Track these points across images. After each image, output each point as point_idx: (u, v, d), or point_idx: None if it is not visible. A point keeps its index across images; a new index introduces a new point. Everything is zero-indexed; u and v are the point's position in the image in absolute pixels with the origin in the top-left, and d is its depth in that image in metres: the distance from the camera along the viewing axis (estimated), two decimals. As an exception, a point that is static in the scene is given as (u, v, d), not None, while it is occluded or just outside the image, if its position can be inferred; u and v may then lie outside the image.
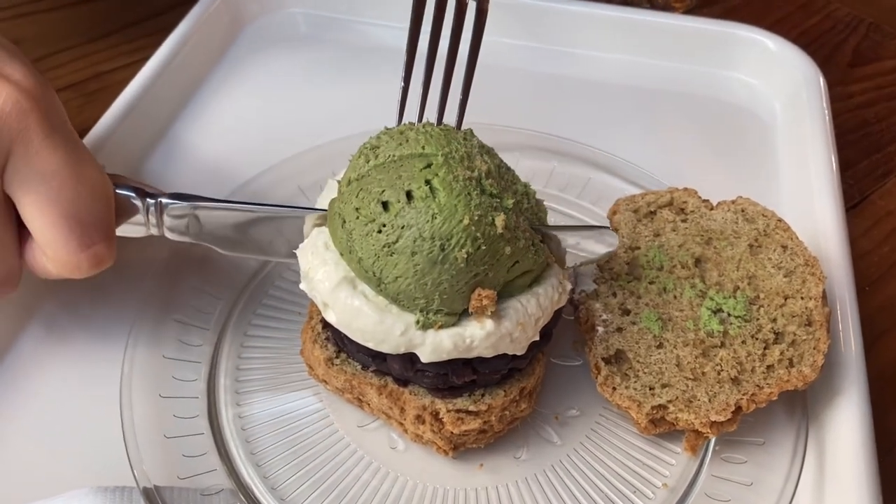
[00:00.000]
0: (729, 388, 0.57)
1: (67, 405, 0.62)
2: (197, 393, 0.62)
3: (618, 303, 0.62)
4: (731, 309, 0.60)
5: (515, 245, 0.52)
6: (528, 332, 0.54)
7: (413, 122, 0.56)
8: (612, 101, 0.91)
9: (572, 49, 0.96)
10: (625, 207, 0.68)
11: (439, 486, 0.58)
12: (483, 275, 0.51)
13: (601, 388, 0.59)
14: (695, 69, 0.94)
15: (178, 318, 0.65)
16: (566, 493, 0.58)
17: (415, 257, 0.50)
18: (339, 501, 0.57)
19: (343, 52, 0.96)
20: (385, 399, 0.58)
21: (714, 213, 0.66)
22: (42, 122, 0.50)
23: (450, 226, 0.49)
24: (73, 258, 0.53)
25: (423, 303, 0.51)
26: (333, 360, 0.59)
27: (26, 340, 0.66)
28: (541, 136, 0.79)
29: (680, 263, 0.63)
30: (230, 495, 0.56)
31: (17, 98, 0.49)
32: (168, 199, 0.59)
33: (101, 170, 0.55)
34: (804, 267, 0.61)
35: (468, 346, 0.52)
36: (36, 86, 0.51)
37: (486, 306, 0.51)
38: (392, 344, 0.53)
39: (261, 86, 0.92)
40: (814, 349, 0.57)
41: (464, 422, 0.56)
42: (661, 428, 0.58)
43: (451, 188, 0.50)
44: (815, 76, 0.88)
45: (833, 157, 0.79)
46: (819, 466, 0.59)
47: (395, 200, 0.50)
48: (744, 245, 0.63)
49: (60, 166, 0.51)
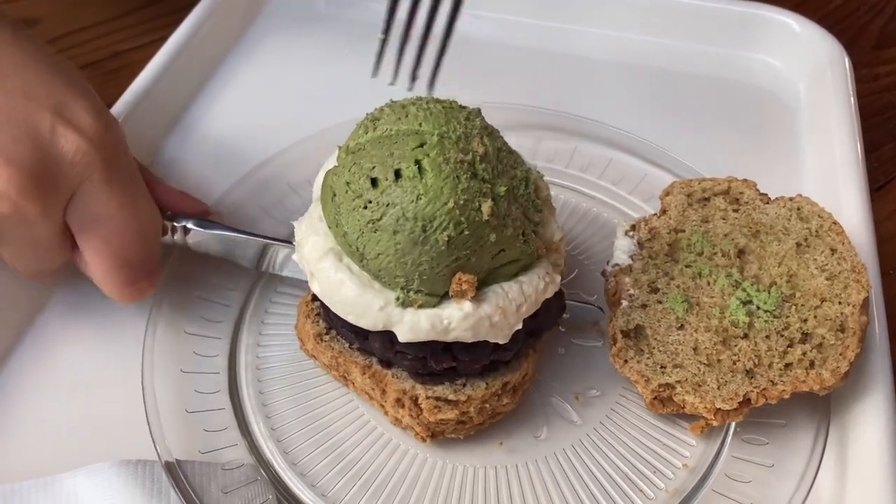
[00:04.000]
0: (741, 379, 0.56)
1: (90, 380, 0.62)
2: (218, 368, 0.62)
3: (648, 280, 0.62)
4: (762, 302, 0.59)
5: (502, 233, 0.51)
6: (510, 319, 0.53)
7: (420, 96, 0.56)
8: (633, 82, 0.90)
9: (593, 29, 0.95)
10: (679, 190, 0.67)
11: (458, 464, 0.58)
12: (465, 259, 0.51)
13: (613, 359, 0.59)
14: (717, 50, 0.93)
15: (200, 294, 0.65)
16: (586, 473, 0.58)
17: (396, 236, 0.50)
18: (358, 477, 0.57)
19: (363, 29, 0.95)
20: (368, 379, 0.57)
21: (768, 207, 0.65)
22: (104, 169, 0.55)
23: (433, 208, 0.49)
24: (118, 292, 0.59)
25: (403, 281, 0.51)
26: (322, 336, 0.60)
27: (49, 316, 0.66)
28: (562, 117, 0.78)
29: (721, 251, 0.62)
30: (251, 470, 0.56)
31: (85, 149, 0.54)
32: (192, 226, 0.63)
33: (154, 208, 0.60)
34: (850, 273, 0.59)
35: (445, 327, 0.52)
36: (102, 130, 0.55)
37: (466, 291, 0.51)
38: (371, 319, 0.52)
39: (281, 63, 0.91)
40: (840, 355, 0.55)
41: (441, 410, 0.56)
42: (669, 408, 0.58)
43: (440, 170, 0.50)
44: (840, 57, 0.86)
45: (858, 139, 0.78)
46: (841, 449, 0.58)
47: (383, 178, 0.50)
48: (791, 242, 0.62)
49: (115, 211, 0.56)
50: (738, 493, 0.55)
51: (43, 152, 0.53)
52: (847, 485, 0.56)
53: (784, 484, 0.55)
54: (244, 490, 0.55)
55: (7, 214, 0.53)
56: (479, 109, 0.56)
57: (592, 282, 0.68)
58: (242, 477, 0.56)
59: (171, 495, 0.53)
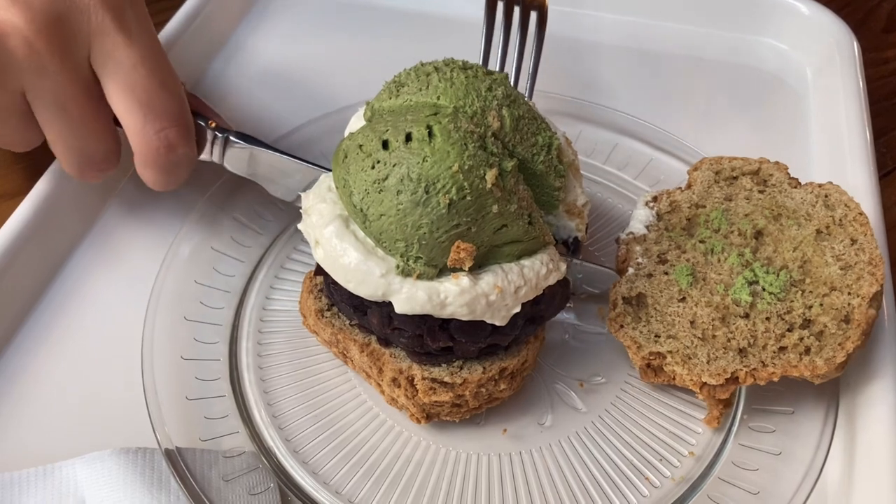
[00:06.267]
0: (732, 357, 0.56)
1: (89, 367, 0.62)
2: (218, 355, 0.61)
3: (659, 250, 0.62)
4: (768, 284, 0.58)
5: (506, 207, 0.51)
6: (507, 300, 0.53)
7: (447, 60, 0.56)
8: (638, 66, 0.89)
9: (599, 13, 0.94)
10: (707, 167, 0.67)
11: (462, 451, 0.58)
12: (465, 227, 0.50)
13: (609, 323, 0.59)
14: (724, 34, 0.92)
15: (199, 280, 0.64)
16: (591, 461, 0.57)
17: (399, 196, 0.50)
18: (361, 465, 0.57)
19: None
20: (366, 357, 0.57)
21: (795, 191, 0.64)
22: (115, 19, 0.57)
23: (438, 169, 0.49)
24: (146, 140, 0.59)
25: (403, 246, 0.51)
26: (324, 312, 0.60)
27: (48, 303, 0.65)
28: (567, 101, 0.77)
29: (738, 230, 0.62)
30: (252, 458, 0.56)
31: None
32: (234, 138, 0.63)
33: (174, 72, 0.61)
34: (866, 265, 0.58)
35: (442, 301, 0.51)
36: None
37: (464, 259, 0.51)
38: (371, 287, 0.52)
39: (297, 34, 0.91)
40: (838, 345, 0.55)
41: (436, 392, 0.55)
42: (661, 378, 0.58)
43: (450, 136, 0.50)
44: (849, 41, 0.85)
45: (867, 124, 0.77)
46: (850, 437, 0.57)
47: (394, 139, 0.51)
48: (811, 229, 0.61)
49: (137, 61, 0.58)
50: (746, 481, 0.55)
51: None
52: (855, 473, 0.56)
53: (792, 472, 0.54)
54: (246, 478, 0.54)
55: (23, 57, 0.54)
56: (506, 75, 0.56)
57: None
58: (244, 465, 0.55)
59: (171, 483, 0.53)
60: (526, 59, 0.74)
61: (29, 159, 0.78)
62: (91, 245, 0.69)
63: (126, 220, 0.71)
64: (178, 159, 0.61)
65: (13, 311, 0.64)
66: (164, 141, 0.59)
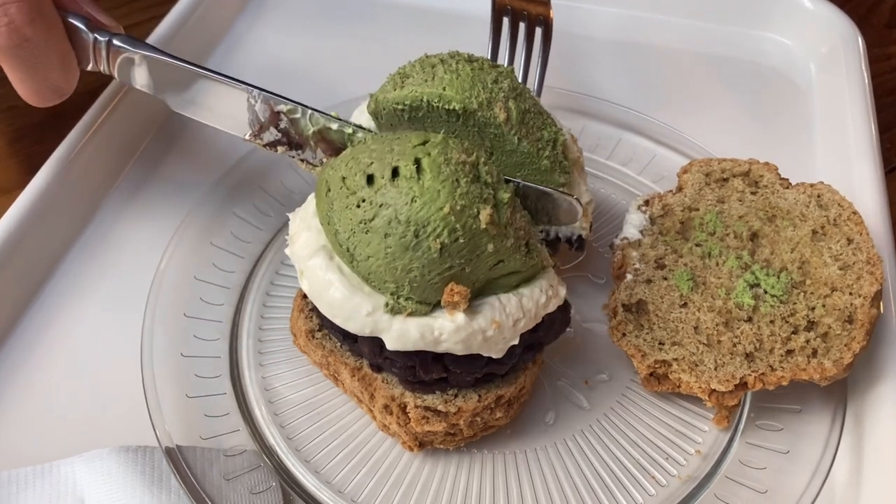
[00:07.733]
0: (739, 362, 0.55)
1: (88, 364, 0.61)
2: (219, 353, 0.61)
3: (656, 255, 0.61)
4: (770, 287, 0.58)
5: (501, 243, 0.48)
6: (505, 334, 0.50)
7: (453, 53, 0.55)
8: (641, 61, 0.89)
9: (600, 7, 0.93)
10: (697, 169, 0.66)
11: (465, 451, 0.57)
12: (459, 269, 0.48)
13: (611, 332, 0.58)
14: (727, 29, 0.91)
15: (199, 277, 0.63)
16: (596, 459, 0.56)
17: (387, 239, 0.47)
18: (362, 464, 0.56)
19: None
20: (357, 382, 0.55)
21: (788, 192, 0.63)
22: None
23: (428, 211, 0.46)
24: None
25: (394, 287, 0.48)
26: (315, 333, 0.58)
27: (46, 299, 0.64)
28: (570, 96, 0.77)
29: (734, 233, 0.61)
30: (253, 456, 0.55)
31: None
32: (119, 42, 0.56)
33: None
34: (864, 264, 0.58)
35: (436, 338, 0.49)
36: None
37: (458, 303, 0.48)
38: (358, 323, 0.50)
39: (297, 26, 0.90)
40: (844, 346, 0.54)
41: (429, 421, 0.53)
42: (665, 386, 0.57)
43: (440, 171, 0.46)
44: (853, 36, 0.85)
45: (872, 119, 0.76)
46: (857, 436, 0.57)
47: (379, 175, 0.47)
48: (807, 229, 0.60)
49: None
50: (753, 479, 0.54)
51: None
52: (863, 472, 0.55)
53: (799, 471, 0.54)
54: (247, 477, 0.54)
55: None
56: (512, 69, 0.55)
57: (600, 261, 0.67)
58: (245, 463, 0.54)
59: (171, 482, 0.52)
60: (531, 69, 0.72)
61: (24, 153, 0.77)
62: (89, 241, 0.68)
63: (124, 216, 0.70)
64: (30, 48, 0.52)
65: (10, 307, 0.63)
66: (4, 18, 0.51)
